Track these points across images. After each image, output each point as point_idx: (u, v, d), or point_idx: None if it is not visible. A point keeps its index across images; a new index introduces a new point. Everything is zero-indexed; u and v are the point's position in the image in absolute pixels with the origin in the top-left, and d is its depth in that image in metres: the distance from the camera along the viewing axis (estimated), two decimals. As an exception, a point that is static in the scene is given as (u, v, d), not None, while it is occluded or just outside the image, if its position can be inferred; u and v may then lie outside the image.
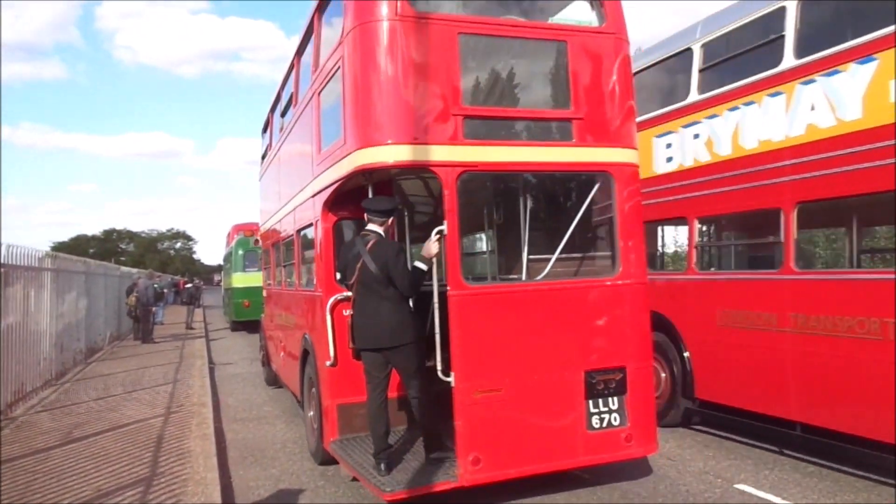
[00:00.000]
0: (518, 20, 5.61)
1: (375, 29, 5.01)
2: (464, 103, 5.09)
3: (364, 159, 5.03)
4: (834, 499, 5.47)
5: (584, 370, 5.26)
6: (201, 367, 13.03)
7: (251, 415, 9.14)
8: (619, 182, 5.52)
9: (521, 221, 5.97)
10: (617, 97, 5.55)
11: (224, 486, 5.73)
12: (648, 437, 5.52)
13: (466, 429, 4.89)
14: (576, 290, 5.47)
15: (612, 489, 5.72)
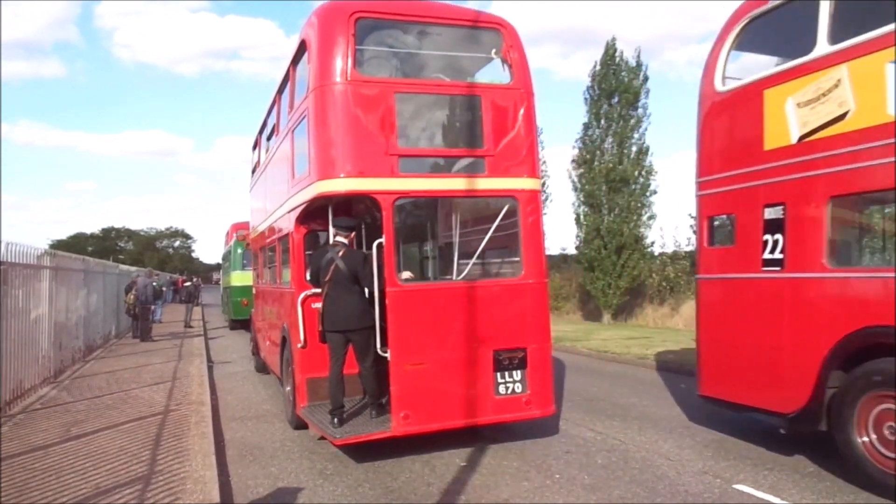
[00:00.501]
0: (443, 80, 7.34)
1: (331, 90, 6.60)
2: (399, 146, 6.64)
3: (323, 188, 6.67)
4: (833, 499, 5.47)
5: (493, 349, 6.76)
6: (200, 366, 13.01)
7: (250, 413, 9.13)
8: (522, 204, 7.02)
9: (451, 233, 7.62)
10: (521, 138, 7.10)
11: (222, 485, 5.72)
12: (545, 402, 7.04)
13: (398, 392, 6.43)
14: (488, 287, 7.00)
15: (609, 488, 5.72)
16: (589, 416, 8.63)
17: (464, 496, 5.58)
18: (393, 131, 6.61)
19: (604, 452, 6.88)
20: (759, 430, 7.33)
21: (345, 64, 6.52)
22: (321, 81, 6.68)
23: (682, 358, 13.86)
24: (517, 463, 6.51)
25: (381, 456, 6.72)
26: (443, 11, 7.40)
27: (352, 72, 6.53)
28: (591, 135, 25.27)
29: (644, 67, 24.75)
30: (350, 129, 6.56)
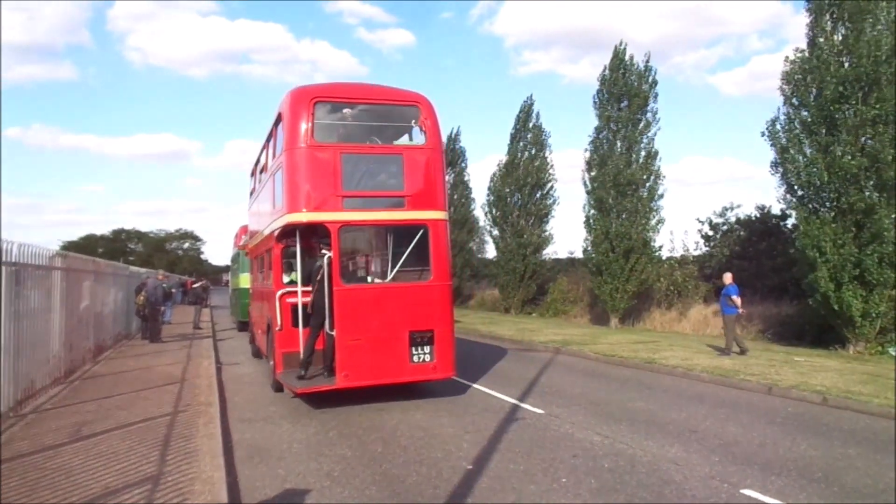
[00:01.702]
0: (376, 144, 10.43)
1: (297, 151, 9.53)
2: (343, 190, 9.45)
3: (291, 219, 9.64)
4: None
5: (409, 330, 9.57)
6: (208, 367, 13.08)
7: (258, 415, 9.18)
8: (432, 229, 9.83)
9: (384, 249, 10.65)
10: (432, 182, 9.98)
11: (230, 486, 5.77)
12: (447, 368, 9.81)
13: (341, 359, 9.28)
14: (406, 287, 9.83)
15: (615, 492, 5.72)
16: (596, 420, 8.62)
17: (470, 499, 5.60)
18: (339, 179, 9.42)
19: (611, 457, 6.88)
20: (767, 435, 7.31)
21: (306, 133, 9.45)
22: (290, 145, 9.59)
23: (687, 363, 13.82)
24: (524, 466, 6.52)
25: (386, 458, 6.75)
26: (377, 93, 10.40)
27: (311, 139, 9.45)
28: (602, 139, 25.26)
29: (652, 72, 24.73)
30: (309, 178, 9.48)
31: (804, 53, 16.72)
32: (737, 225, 28.62)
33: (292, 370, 10.07)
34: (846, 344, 16.45)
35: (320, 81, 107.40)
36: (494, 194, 33.77)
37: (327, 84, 10.39)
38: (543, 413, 9.08)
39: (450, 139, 41.26)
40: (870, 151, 15.28)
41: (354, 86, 10.55)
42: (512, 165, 32.81)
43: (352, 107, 10.28)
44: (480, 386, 11.30)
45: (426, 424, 8.40)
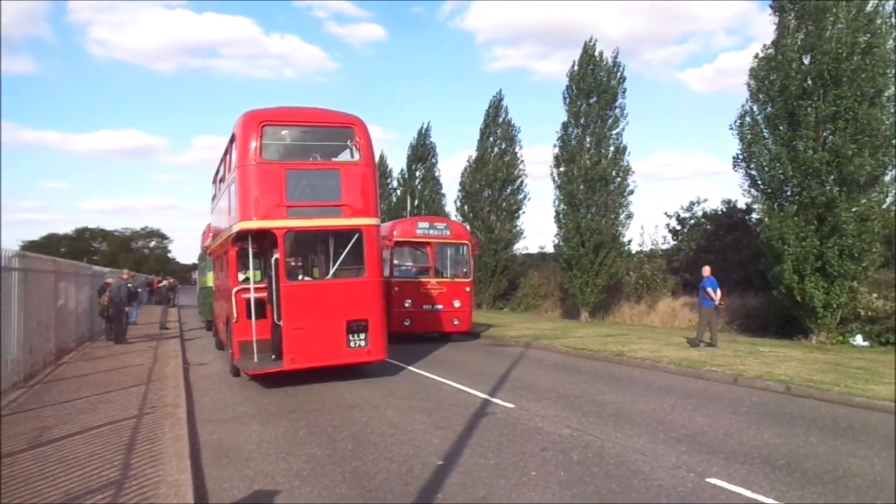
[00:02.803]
0: (317, 161, 11.77)
1: (247, 168, 10.88)
2: (288, 200, 10.84)
3: (243, 226, 10.96)
4: (801, 490, 5.57)
5: (346, 320, 11.06)
6: (175, 368, 12.88)
7: (226, 415, 9.05)
8: (366, 233, 11.33)
9: (326, 251, 11.97)
10: (365, 193, 11.41)
11: (197, 488, 5.67)
12: (380, 351, 11.38)
13: (287, 345, 10.75)
14: (344, 283, 11.30)
15: (584, 484, 5.76)
16: (566, 413, 8.69)
17: (441, 495, 5.59)
18: (284, 191, 10.83)
19: (580, 449, 6.93)
20: (732, 424, 7.43)
21: (255, 152, 10.80)
22: (242, 162, 10.98)
23: (656, 355, 14.01)
24: (494, 461, 6.54)
25: (356, 455, 6.72)
26: (318, 116, 11.81)
27: (259, 157, 10.84)
28: (570, 134, 25.43)
29: (621, 68, 24.99)
30: (258, 191, 10.85)
31: (771, 51, 17.02)
32: (704, 219, 29.09)
33: (248, 357, 11.34)
34: (809, 334, 16.84)
35: (291, 77, 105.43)
36: (465, 190, 33.83)
37: (274, 109, 11.68)
38: (514, 407, 9.12)
39: (420, 134, 41.23)
40: (831, 147, 15.63)
41: (298, 110, 11.97)
42: (482, 161, 32.90)
43: (296, 128, 11.84)
44: (452, 382, 11.30)
45: (397, 421, 8.37)
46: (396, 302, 16.87)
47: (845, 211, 15.37)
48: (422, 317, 17.36)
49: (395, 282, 17.15)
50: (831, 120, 15.62)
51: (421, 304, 17.36)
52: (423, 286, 17.50)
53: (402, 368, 13.08)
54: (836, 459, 6.53)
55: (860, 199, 15.57)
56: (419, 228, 18.03)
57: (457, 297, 17.72)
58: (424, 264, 18.03)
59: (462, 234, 18.81)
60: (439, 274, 18.05)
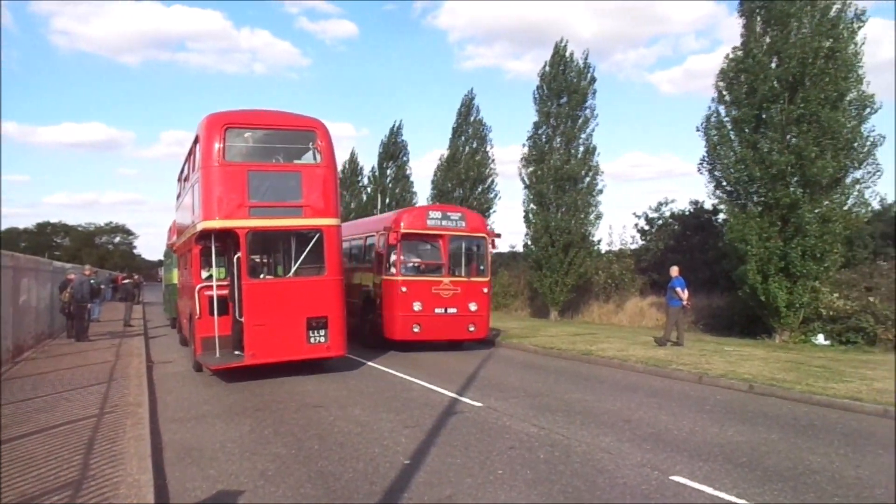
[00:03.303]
0: (279, 163, 12.23)
1: (210, 169, 11.12)
2: (250, 201, 11.13)
3: (206, 225, 11.22)
4: (762, 487, 5.66)
5: (307, 317, 11.36)
6: (138, 366, 12.64)
7: (190, 414, 8.89)
8: (326, 233, 11.64)
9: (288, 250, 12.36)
10: (326, 194, 11.77)
11: (158, 489, 5.56)
12: (339, 347, 11.73)
13: (248, 341, 11.03)
14: (305, 281, 11.65)
15: (550, 483, 5.78)
16: (533, 412, 8.72)
17: (407, 494, 5.56)
18: (246, 192, 11.10)
19: (546, 447, 6.96)
20: (696, 422, 7.53)
21: (218, 154, 11.01)
22: (205, 164, 11.22)
23: (623, 354, 14.15)
24: (461, 459, 6.53)
25: (322, 455, 6.66)
26: (280, 119, 12.14)
27: (222, 159, 11.04)
28: (541, 134, 25.56)
29: (591, 69, 25.17)
30: (221, 192, 11.07)
31: (740, 53, 17.29)
32: (671, 219, 29.48)
33: (210, 352, 11.58)
34: (772, 333, 17.16)
35: (262, 73, 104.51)
36: (436, 189, 33.78)
37: (237, 111, 12.02)
38: (482, 406, 9.12)
39: (392, 132, 41.09)
40: (795, 149, 15.94)
41: (261, 113, 12.34)
42: (453, 160, 32.88)
43: (258, 131, 12.13)
44: (421, 380, 11.27)
45: (364, 420, 8.32)
46: (403, 305, 14.80)
47: (808, 212, 15.70)
48: (433, 322, 14.99)
49: (403, 281, 14.87)
50: (796, 123, 15.94)
51: (432, 307, 14.99)
52: (434, 286, 15.13)
53: (370, 367, 13.02)
54: (797, 456, 6.66)
55: (823, 200, 15.92)
56: (430, 219, 15.45)
57: (473, 298, 15.38)
58: (436, 261, 15.48)
59: (479, 226, 16.17)
60: (453, 272, 15.62)
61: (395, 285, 14.77)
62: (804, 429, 7.89)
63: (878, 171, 15.83)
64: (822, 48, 15.60)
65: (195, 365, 12.41)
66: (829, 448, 6.99)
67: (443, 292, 15.15)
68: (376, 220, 17.74)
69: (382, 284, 15.18)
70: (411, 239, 15.29)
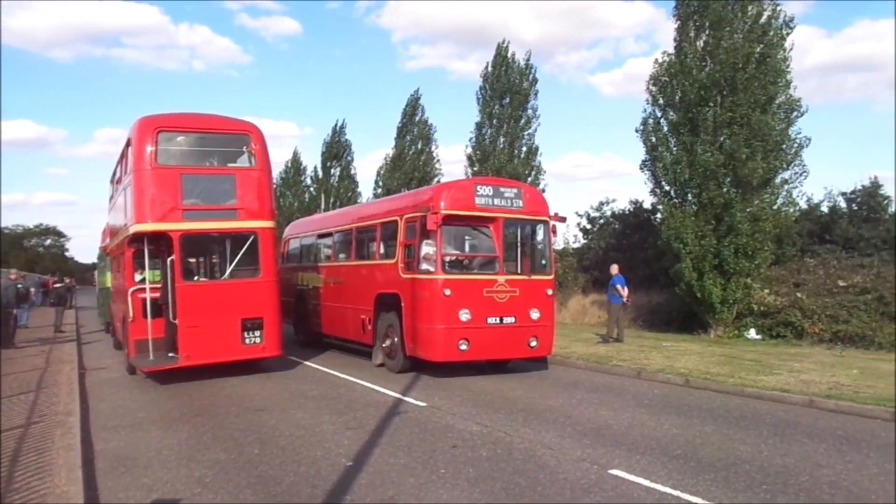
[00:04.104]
0: (213, 166, 12.22)
1: (142, 172, 11.11)
2: (183, 204, 11.11)
3: (137, 228, 11.20)
4: (696, 478, 5.85)
5: (241, 318, 11.41)
6: (70, 373, 12.16)
7: (124, 422, 8.59)
8: (261, 236, 11.71)
9: (223, 252, 12.39)
10: (261, 197, 11.79)
11: (89, 500, 5.36)
12: (274, 348, 11.81)
13: (182, 342, 11.04)
14: (240, 283, 11.73)
15: (493, 480, 5.83)
16: (476, 410, 8.78)
17: (349, 496, 5.52)
18: (179, 195, 11.11)
19: (489, 445, 7.01)
20: (634, 416, 7.72)
21: (150, 157, 11.01)
22: (137, 167, 11.20)
23: (565, 351, 14.39)
24: (404, 459, 6.52)
25: (263, 459, 6.55)
26: (214, 123, 12.05)
27: (154, 162, 11.03)
28: (484, 134, 25.76)
29: (533, 70, 25.55)
30: (153, 195, 11.08)
31: (671, 57, 17.79)
32: (612, 218, 30.11)
33: (143, 355, 11.58)
34: (708, 329, 17.75)
35: (201, 70, 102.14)
36: (382, 188, 33.65)
37: (170, 115, 11.97)
38: (426, 406, 9.13)
39: (335, 131, 40.71)
40: (727, 151, 16.53)
41: (194, 116, 12.23)
42: (399, 159, 32.84)
43: (191, 134, 12.01)
44: (365, 381, 11.20)
45: (307, 423, 8.21)
46: (446, 313, 10.78)
47: (740, 211, 16.31)
48: (486, 337, 11.00)
49: (446, 281, 10.81)
50: (727, 125, 16.52)
51: (484, 315, 10.99)
52: (487, 288, 11.12)
53: (311, 368, 12.88)
54: (729, 447, 6.90)
55: (753, 200, 16.56)
56: (480, 196, 11.32)
57: (535, 303, 11.46)
58: (487, 252, 11.66)
59: (540, 207, 12.09)
60: (508, 268, 11.69)
61: (432, 287, 10.87)
62: (736, 420, 8.19)
63: (805, 172, 16.59)
64: (753, 53, 16.22)
65: (129, 368, 12.35)
66: (759, 438, 7.27)
67: (497, 295, 11.20)
68: (395, 201, 14.01)
69: (413, 287, 11.24)
70: (455, 224, 11.35)
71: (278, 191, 42.44)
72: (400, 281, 11.63)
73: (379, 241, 13.11)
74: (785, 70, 16.41)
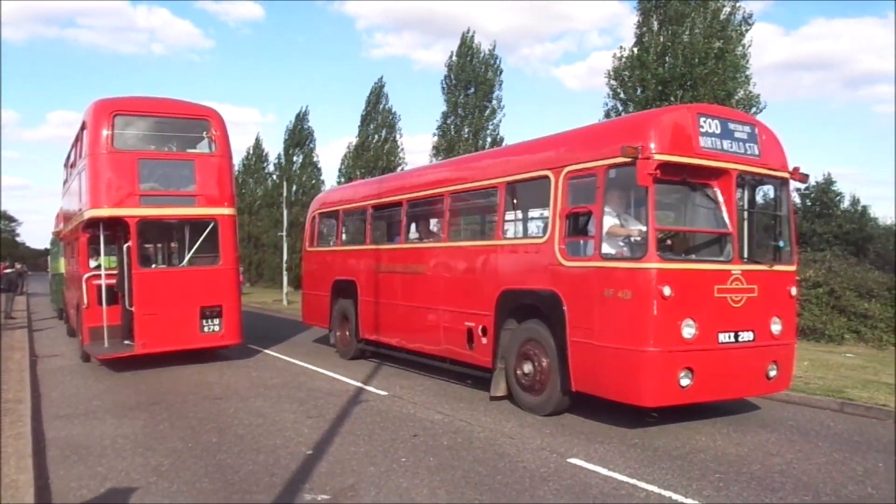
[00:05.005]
0: (172, 151, 12.02)
1: (98, 156, 10.97)
2: (140, 189, 11.03)
3: (93, 213, 11.06)
4: (652, 466, 5.97)
5: (200, 306, 11.27)
6: (20, 360, 11.83)
7: (77, 410, 8.39)
8: (221, 223, 11.59)
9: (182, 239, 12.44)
10: (221, 184, 11.73)
11: (40, 489, 5.23)
12: (234, 336, 11.67)
13: (138, 329, 10.86)
14: (199, 270, 11.61)
15: (453, 469, 5.86)
16: (437, 399, 8.80)
17: (308, 484, 5.49)
18: (136, 181, 10.98)
19: (450, 434, 7.05)
20: (595, 405, 7.83)
21: (106, 141, 10.85)
22: (92, 151, 11.04)
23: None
24: (365, 448, 6.51)
25: (221, 448, 6.47)
26: (172, 107, 11.99)
27: (110, 146, 10.89)
28: (449, 124, 25.75)
29: (498, 60, 25.59)
30: (109, 180, 10.92)
31: (632, 51, 18.01)
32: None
33: (98, 342, 11.42)
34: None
35: (160, 54, 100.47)
36: (345, 177, 33.38)
37: (127, 98, 11.92)
38: (387, 395, 9.13)
39: (298, 118, 40.26)
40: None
41: (152, 100, 12.23)
42: (363, 148, 32.62)
43: (149, 118, 11.93)
44: (326, 370, 11.14)
45: (266, 411, 8.14)
46: (663, 327, 6.57)
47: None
48: (717, 364, 6.87)
49: (663, 273, 6.63)
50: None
51: (714, 329, 6.87)
52: (718, 284, 6.91)
53: (272, 356, 12.76)
54: (685, 436, 7.05)
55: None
56: (706, 135, 6.97)
57: (777, 309, 7.37)
58: (711, 227, 7.48)
59: (780, 156, 7.76)
60: (742, 252, 7.28)
61: (640, 284, 6.68)
62: (691, 412, 8.34)
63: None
64: (712, 48, 16.51)
65: (83, 356, 12.14)
66: (714, 428, 7.44)
67: (731, 297, 7.03)
68: (541, 147, 8.55)
69: (589, 281, 7.08)
70: (672, 174, 6.88)
71: (240, 178, 41.83)
72: (558, 272, 7.41)
73: (503, 211, 8.67)
74: (744, 66, 16.77)
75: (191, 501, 5.20)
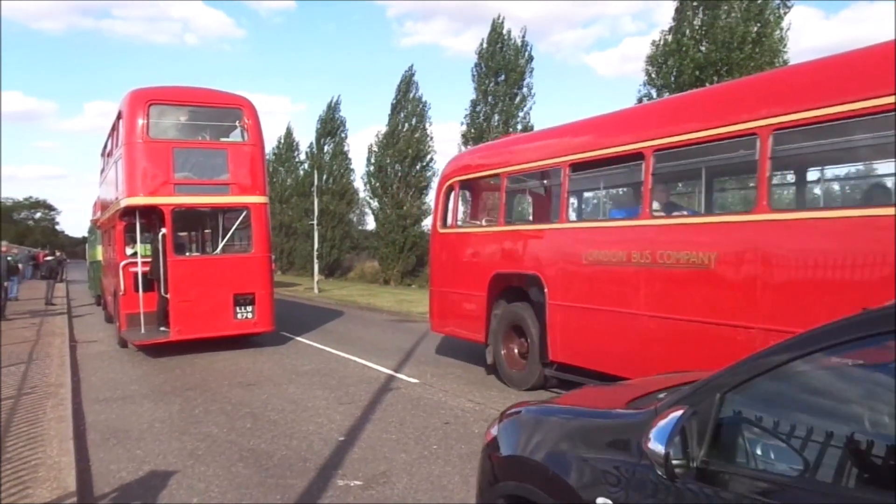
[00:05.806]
0: (205, 140, 12.39)
1: (134, 146, 11.16)
2: (175, 178, 11.25)
3: (129, 202, 11.29)
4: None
5: (233, 293, 11.46)
6: (61, 345, 12.13)
7: (116, 394, 8.60)
8: (254, 211, 11.80)
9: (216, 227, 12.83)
10: (253, 172, 11.88)
11: (80, 471, 5.36)
12: (266, 323, 11.84)
13: (174, 316, 11.11)
14: (232, 258, 12.06)
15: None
16: (469, 388, 8.80)
17: (341, 470, 5.54)
18: (171, 169, 11.21)
19: (481, 422, 7.03)
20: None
21: (142, 130, 11.08)
22: (128, 140, 11.26)
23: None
24: (396, 435, 6.54)
25: (254, 433, 6.56)
26: (206, 97, 12.15)
27: (146, 135, 11.12)
28: (479, 112, 25.60)
29: (529, 47, 25.34)
30: (145, 169, 11.17)
31: (669, 37, 17.69)
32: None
33: (135, 328, 11.73)
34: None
35: (193, 44, 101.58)
36: (374, 165, 33.46)
37: (162, 88, 12.06)
38: (418, 382, 9.16)
39: (330, 108, 40.39)
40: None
41: (186, 90, 12.31)
42: (392, 136, 32.58)
43: (183, 108, 12.11)
44: (357, 357, 11.22)
45: (299, 398, 8.23)
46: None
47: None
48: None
49: None
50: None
51: None
52: None
53: (304, 343, 12.88)
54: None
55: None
56: None
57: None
58: None
59: None
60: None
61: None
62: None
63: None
64: (749, 33, 16.12)
65: (120, 341, 12.38)
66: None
67: None
68: None
69: None
70: None
71: (271, 167, 42.19)
72: None
73: None
74: (781, 51, 16.35)
75: (227, 485, 5.28)
